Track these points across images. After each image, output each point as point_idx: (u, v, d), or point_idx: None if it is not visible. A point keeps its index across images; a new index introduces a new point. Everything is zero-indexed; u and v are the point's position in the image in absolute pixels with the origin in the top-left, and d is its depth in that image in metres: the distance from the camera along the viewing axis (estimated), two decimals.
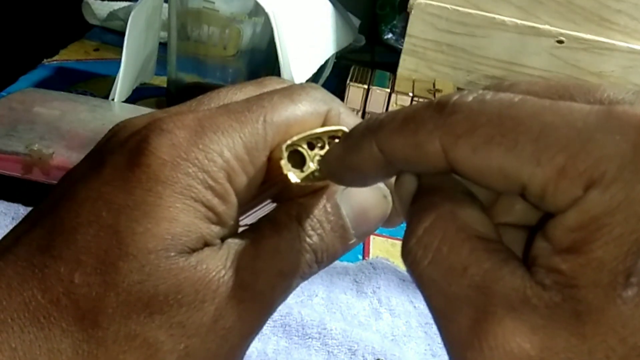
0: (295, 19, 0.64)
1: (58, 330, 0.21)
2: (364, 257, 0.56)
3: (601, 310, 0.16)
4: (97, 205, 0.22)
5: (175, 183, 0.23)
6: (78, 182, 0.24)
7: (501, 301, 0.18)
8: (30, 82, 0.74)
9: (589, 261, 0.17)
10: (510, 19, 0.64)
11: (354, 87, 0.62)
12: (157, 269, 0.22)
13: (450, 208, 0.20)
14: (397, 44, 0.83)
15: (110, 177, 0.23)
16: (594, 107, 0.18)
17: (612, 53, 0.64)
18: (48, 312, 0.21)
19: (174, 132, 0.23)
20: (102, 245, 0.22)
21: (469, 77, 0.66)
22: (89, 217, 0.22)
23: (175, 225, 0.22)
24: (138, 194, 0.22)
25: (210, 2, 0.64)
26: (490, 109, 0.18)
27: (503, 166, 0.18)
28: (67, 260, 0.22)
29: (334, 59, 0.71)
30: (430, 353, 0.46)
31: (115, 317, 0.22)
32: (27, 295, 0.21)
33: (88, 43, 0.87)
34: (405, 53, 0.66)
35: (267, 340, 0.44)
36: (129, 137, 0.24)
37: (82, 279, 0.22)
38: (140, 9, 0.65)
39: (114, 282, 0.22)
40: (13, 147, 0.53)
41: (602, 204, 0.17)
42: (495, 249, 0.19)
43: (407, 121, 0.20)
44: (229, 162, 0.24)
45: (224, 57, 0.67)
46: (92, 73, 0.79)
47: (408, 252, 0.20)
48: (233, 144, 0.24)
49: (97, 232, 0.22)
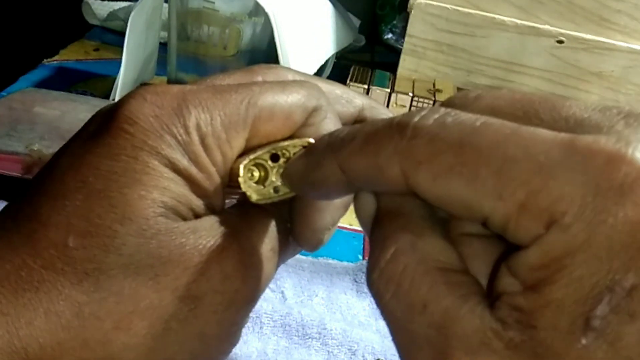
0: (295, 19, 0.64)
1: (55, 293, 0.21)
2: (364, 257, 0.56)
3: (559, 355, 0.16)
4: (82, 170, 0.22)
5: (160, 153, 0.23)
6: (62, 154, 0.24)
7: (460, 343, 0.17)
8: (30, 82, 0.74)
9: (548, 302, 0.16)
10: (510, 19, 0.64)
11: (354, 87, 0.62)
12: (158, 233, 0.22)
13: (410, 239, 0.19)
14: (397, 44, 0.83)
15: (93, 143, 0.23)
16: (557, 138, 0.17)
17: (612, 53, 0.64)
18: (42, 276, 0.21)
19: (156, 103, 0.23)
20: (94, 209, 0.22)
21: (469, 77, 0.66)
22: (75, 183, 0.22)
23: (166, 193, 0.23)
24: (123, 160, 0.22)
25: (210, 2, 0.64)
26: (451, 135, 0.18)
27: (464, 197, 0.18)
28: (57, 225, 0.22)
29: (334, 59, 0.71)
30: None
31: (118, 278, 0.21)
32: (17, 262, 0.21)
33: (88, 43, 0.87)
34: (405, 53, 0.66)
35: (267, 340, 0.44)
36: (111, 107, 0.24)
37: (77, 242, 0.21)
38: (140, 9, 0.65)
39: (114, 245, 0.22)
40: (13, 147, 0.53)
41: (563, 245, 0.16)
42: (457, 281, 0.18)
43: (368, 142, 0.20)
44: (206, 138, 0.24)
45: (224, 57, 0.67)
46: (92, 73, 0.79)
47: (371, 284, 0.20)
48: (211, 120, 0.24)
49: (87, 196, 0.22)
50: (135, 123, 0.23)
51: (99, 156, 0.22)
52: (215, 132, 0.24)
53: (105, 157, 0.22)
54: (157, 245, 0.22)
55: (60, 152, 0.24)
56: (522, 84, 0.65)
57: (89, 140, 0.23)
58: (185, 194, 0.23)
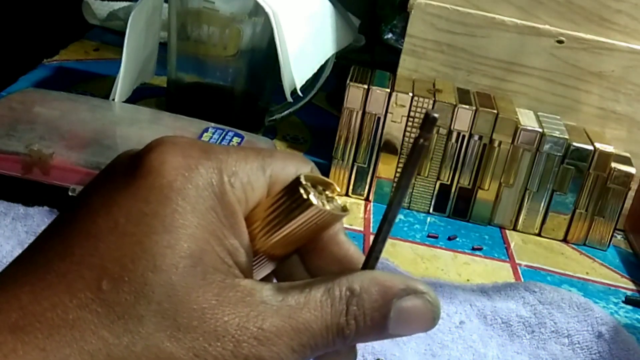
0: (295, 19, 0.64)
1: (88, 332, 0.22)
2: None
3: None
4: (113, 211, 0.23)
5: (189, 196, 0.23)
6: (91, 193, 0.24)
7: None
8: (30, 82, 0.74)
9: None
10: (510, 19, 0.64)
11: (354, 87, 0.62)
12: (186, 287, 0.22)
13: None
14: (397, 44, 0.83)
15: (123, 184, 0.23)
16: None
17: (612, 53, 0.64)
18: (77, 315, 0.22)
19: (184, 146, 0.24)
20: (127, 253, 0.22)
21: (469, 77, 0.66)
22: (107, 224, 0.23)
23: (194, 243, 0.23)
24: (153, 203, 0.23)
25: (210, 2, 0.64)
26: None
27: None
28: (91, 267, 0.22)
29: (334, 59, 0.71)
30: (430, 353, 0.46)
31: (146, 325, 0.22)
32: (54, 300, 0.22)
33: (88, 43, 0.87)
34: (405, 53, 0.66)
35: None
36: (140, 150, 0.25)
37: (110, 286, 0.22)
38: (140, 9, 0.65)
39: (144, 292, 0.22)
40: (13, 147, 0.53)
41: None
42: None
43: None
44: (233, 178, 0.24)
45: (224, 57, 0.67)
46: (92, 73, 0.79)
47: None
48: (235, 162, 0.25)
49: (119, 239, 0.22)
50: (165, 163, 0.23)
51: (130, 198, 0.23)
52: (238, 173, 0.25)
53: (136, 199, 0.23)
54: (182, 299, 0.22)
55: (90, 191, 0.25)
56: (522, 84, 0.65)
57: (119, 181, 0.24)
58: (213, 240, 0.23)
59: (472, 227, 0.64)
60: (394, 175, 0.64)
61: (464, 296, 0.52)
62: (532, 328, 0.50)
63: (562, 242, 0.65)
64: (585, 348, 0.49)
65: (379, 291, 0.25)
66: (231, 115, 0.68)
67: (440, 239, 0.62)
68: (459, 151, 0.62)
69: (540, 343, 0.49)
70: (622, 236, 0.68)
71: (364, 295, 0.25)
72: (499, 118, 0.61)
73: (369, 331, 0.25)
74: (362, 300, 0.25)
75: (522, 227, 0.65)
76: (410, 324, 0.26)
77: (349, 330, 0.25)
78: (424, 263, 0.58)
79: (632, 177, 0.62)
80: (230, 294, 0.23)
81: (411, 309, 0.26)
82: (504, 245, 0.63)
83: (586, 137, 0.63)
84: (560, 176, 0.62)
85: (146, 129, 0.61)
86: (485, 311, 0.50)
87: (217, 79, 0.69)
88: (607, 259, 0.63)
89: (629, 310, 0.56)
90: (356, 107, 0.62)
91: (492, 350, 0.48)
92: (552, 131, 0.62)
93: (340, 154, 0.64)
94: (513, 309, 0.51)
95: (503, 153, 0.62)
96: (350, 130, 0.63)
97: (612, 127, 0.66)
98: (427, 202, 0.65)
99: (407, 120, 0.62)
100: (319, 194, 0.25)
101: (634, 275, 0.62)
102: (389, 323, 0.25)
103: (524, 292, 0.52)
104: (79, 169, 0.52)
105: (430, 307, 0.26)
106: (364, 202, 0.65)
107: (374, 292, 0.25)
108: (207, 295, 0.23)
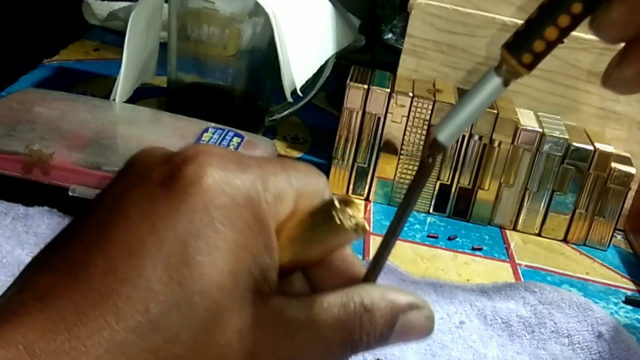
0: (295, 19, 0.64)
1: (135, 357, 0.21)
2: (364, 257, 0.56)
3: None
4: (158, 227, 0.22)
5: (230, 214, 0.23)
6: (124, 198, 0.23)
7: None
8: (30, 82, 0.74)
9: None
10: (510, 19, 0.64)
11: (354, 87, 0.62)
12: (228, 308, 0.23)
13: None
14: (397, 44, 0.83)
15: (162, 196, 0.23)
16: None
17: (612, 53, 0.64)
18: (125, 338, 0.21)
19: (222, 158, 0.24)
20: (174, 276, 0.22)
21: (469, 77, 0.66)
22: (152, 240, 0.22)
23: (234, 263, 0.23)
24: (197, 221, 0.22)
25: (210, 2, 0.64)
26: None
27: None
28: (138, 288, 0.21)
29: (334, 59, 0.71)
30: (430, 353, 0.46)
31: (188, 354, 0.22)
32: (100, 323, 0.21)
33: (88, 43, 0.87)
34: (405, 53, 0.66)
35: None
36: (174, 157, 0.24)
37: (158, 309, 0.21)
38: (141, 9, 0.65)
39: (193, 316, 0.22)
40: (13, 147, 0.53)
41: None
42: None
43: None
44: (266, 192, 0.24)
45: (224, 57, 0.67)
46: (92, 73, 0.79)
47: None
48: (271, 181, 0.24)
49: (166, 260, 0.22)
50: (205, 178, 0.23)
51: (173, 213, 0.22)
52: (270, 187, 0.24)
53: (180, 216, 0.22)
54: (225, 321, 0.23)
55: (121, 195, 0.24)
56: (522, 84, 0.65)
57: (158, 193, 0.23)
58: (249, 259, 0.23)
59: (472, 227, 0.64)
60: (394, 175, 0.64)
61: (464, 296, 0.52)
62: (532, 328, 0.50)
63: (562, 242, 0.65)
64: (585, 348, 0.49)
65: (388, 306, 0.26)
66: (231, 115, 0.68)
67: (440, 239, 0.62)
68: (459, 151, 0.62)
69: (540, 343, 0.49)
70: (622, 236, 0.68)
71: (375, 312, 0.26)
72: (499, 118, 0.61)
73: (375, 344, 0.26)
74: (374, 317, 0.26)
75: (522, 227, 0.65)
76: (410, 335, 0.27)
77: (360, 344, 0.26)
78: (424, 263, 0.58)
79: (632, 177, 0.62)
80: (263, 314, 0.24)
81: (412, 322, 0.27)
82: (504, 245, 0.63)
83: (586, 137, 0.63)
84: (560, 176, 0.62)
85: (146, 129, 0.61)
86: (485, 311, 0.50)
87: (217, 79, 0.69)
88: (607, 259, 0.63)
89: (629, 310, 0.56)
90: (356, 107, 0.62)
91: (492, 350, 0.48)
92: (552, 131, 0.62)
93: (340, 154, 0.64)
94: (513, 309, 0.51)
95: (503, 153, 0.62)
96: (350, 130, 0.63)
97: (612, 127, 0.66)
98: (427, 202, 0.65)
99: (407, 120, 0.62)
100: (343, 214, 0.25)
101: (634, 275, 0.62)
102: (392, 335, 0.26)
103: (524, 292, 0.52)
104: (79, 169, 0.52)
105: (429, 321, 0.27)
106: (364, 202, 0.65)
107: (383, 308, 0.26)
108: (243, 316, 0.23)
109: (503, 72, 0.26)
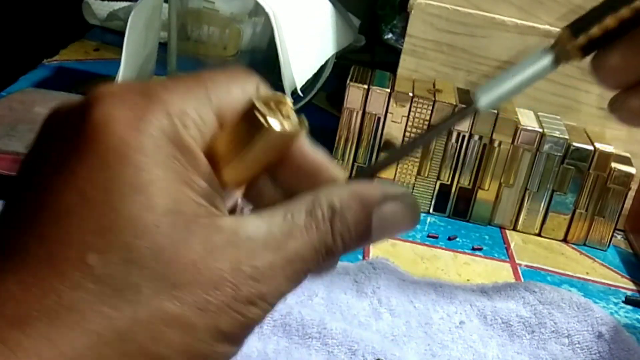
0: (295, 19, 0.64)
1: (88, 312, 0.21)
2: (364, 257, 0.56)
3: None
4: (78, 184, 0.21)
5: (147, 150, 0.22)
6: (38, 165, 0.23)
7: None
8: (30, 82, 0.74)
9: None
10: (510, 19, 0.64)
11: (354, 87, 0.62)
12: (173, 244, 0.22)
13: None
14: (397, 44, 0.83)
15: (75, 153, 0.22)
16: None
17: None
18: (72, 296, 0.21)
19: (126, 95, 0.23)
20: (104, 224, 0.21)
21: (469, 77, 0.66)
22: (73, 197, 0.21)
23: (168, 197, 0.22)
24: (113, 166, 0.22)
25: (210, 2, 0.64)
26: None
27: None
28: (71, 245, 0.21)
29: (334, 59, 0.71)
30: (430, 353, 0.46)
31: (143, 293, 0.21)
32: (44, 286, 0.21)
33: (88, 43, 0.87)
34: (405, 53, 0.66)
35: (267, 340, 0.44)
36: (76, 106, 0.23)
37: (96, 260, 0.21)
38: (140, 9, 0.65)
39: (132, 260, 0.21)
40: (13, 147, 0.53)
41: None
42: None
43: None
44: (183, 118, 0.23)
45: (224, 57, 0.67)
46: (92, 73, 0.79)
47: None
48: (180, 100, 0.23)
49: (91, 211, 0.21)
50: (112, 120, 0.22)
51: (87, 164, 0.22)
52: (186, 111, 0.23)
53: (94, 164, 0.22)
54: (172, 257, 0.22)
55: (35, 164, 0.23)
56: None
57: (66, 147, 0.22)
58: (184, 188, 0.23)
59: (472, 227, 0.64)
60: (394, 175, 0.64)
61: (464, 296, 0.52)
62: (532, 328, 0.50)
63: (562, 242, 0.65)
64: (585, 348, 0.49)
65: (359, 204, 0.25)
66: None
67: (441, 239, 0.62)
68: (459, 151, 0.62)
69: (540, 343, 0.49)
70: (622, 236, 0.68)
71: (345, 211, 0.25)
72: (499, 118, 0.61)
73: (354, 243, 0.25)
74: (344, 217, 0.25)
75: (522, 227, 0.65)
76: (393, 228, 0.26)
77: (336, 248, 0.25)
78: (424, 263, 0.58)
79: (632, 177, 0.62)
80: (215, 238, 0.23)
81: (391, 214, 0.26)
82: (504, 245, 0.63)
83: (586, 137, 0.63)
84: (560, 176, 0.62)
85: None
86: (485, 311, 0.50)
87: None
88: (607, 259, 0.63)
89: (629, 310, 0.56)
90: (356, 107, 0.62)
91: (492, 350, 0.48)
92: (552, 131, 0.62)
93: (340, 154, 0.64)
94: (513, 309, 0.51)
95: (503, 153, 0.62)
96: (350, 130, 0.63)
97: (612, 127, 0.66)
98: (427, 202, 0.65)
99: (407, 120, 0.62)
100: (274, 114, 0.24)
101: (634, 275, 0.62)
102: (372, 232, 0.25)
103: (524, 292, 0.52)
104: None
105: (409, 209, 0.27)
106: None
107: (354, 206, 0.25)
108: (194, 246, 0.22)
109: (556, 52, 0.26)
